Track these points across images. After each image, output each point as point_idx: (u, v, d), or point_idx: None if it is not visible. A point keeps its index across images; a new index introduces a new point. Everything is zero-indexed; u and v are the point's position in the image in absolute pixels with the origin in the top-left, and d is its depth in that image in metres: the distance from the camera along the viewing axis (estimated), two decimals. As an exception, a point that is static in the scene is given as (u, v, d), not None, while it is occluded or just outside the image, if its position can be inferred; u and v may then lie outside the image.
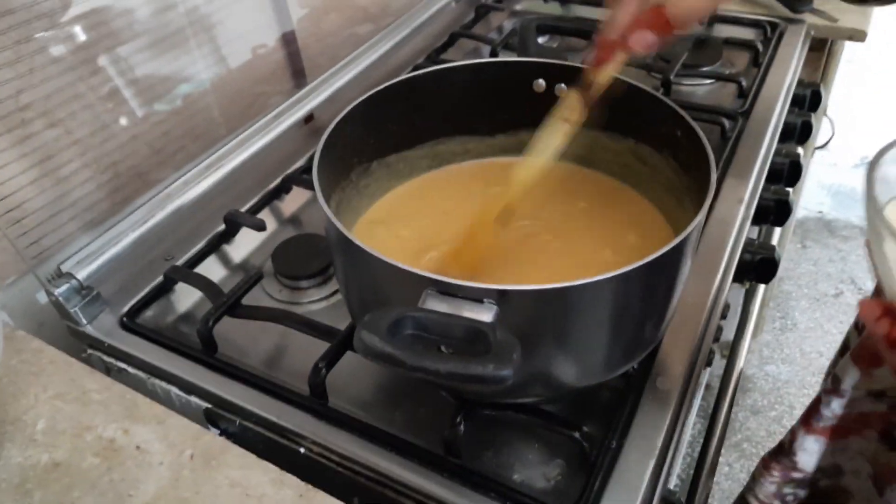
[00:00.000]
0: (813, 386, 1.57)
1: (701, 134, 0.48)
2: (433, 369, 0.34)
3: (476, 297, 0.38)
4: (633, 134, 0.56)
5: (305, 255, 0.64)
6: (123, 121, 0.70)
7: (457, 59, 0.96)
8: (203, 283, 0.60)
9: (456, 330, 0.36)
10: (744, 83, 0.83)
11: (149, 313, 0.61)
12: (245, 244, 0.68)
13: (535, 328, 0.40)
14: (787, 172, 0.81)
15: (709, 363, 0.59)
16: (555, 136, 0.50)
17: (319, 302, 0.62)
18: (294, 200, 0.74)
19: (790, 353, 1.67)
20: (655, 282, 0.42)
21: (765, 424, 1.53)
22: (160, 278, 0.63)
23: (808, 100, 0.92)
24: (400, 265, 0.38)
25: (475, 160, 0.63)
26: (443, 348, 0.37)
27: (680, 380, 0.52)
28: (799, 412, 0.65)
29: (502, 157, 0.63)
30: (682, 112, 0.50)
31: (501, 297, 0.37)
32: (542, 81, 0.58)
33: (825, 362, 1.55)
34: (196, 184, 0.69)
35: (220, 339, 0.57)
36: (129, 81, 0.70)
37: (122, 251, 0.62)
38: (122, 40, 0.68)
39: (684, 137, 0.50)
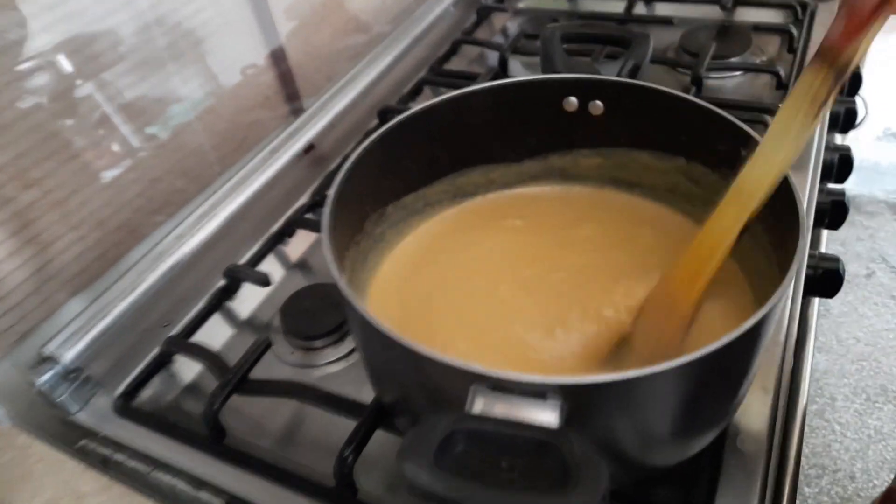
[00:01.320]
0: (853, 374, 1.50)
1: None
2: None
3: (536, 392, 0.31)
4: (684, 151, 0.49)
5: (317, 310, 0.57)
6: (107, 172, 0.63)
7: (461, 68, 0.89)
8: (205, 356, 0.53)
9: (519, 443, 0.29)
10: (782, 73, 0.76)
11: (147, 393, 0.54)
12: (250, 299, 0.61)
13: (607, 421, 0.33)
14: (836, 168, 0.74)
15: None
16: (796, 129, 0.37)
17: (337, 363, 0.55)
18: (299, 244, 0.67)
19: (826, 341, 1.60)
20: (746, 348, 0.35)
21: (806, 419, 1.47)
22: (157, 350, 0.56)
23: (848, 83, 0.84)
24: (443, 359, 0.31)
25: (501, 191, 0.55)
26: (504, 463, 0.30)
27: (764, 439, 0.45)
28: (841, 404, 0.58)
29: (532, 185, 0.55)
30: (749, 130, 0.43)
31: (568, 392, 0.30)
32: (573, 99, 0.50)
33: (863, 348, 1.48)
34: (190, 236, 0.62)
35: (229, 418, 0.50)
36: (110, 125, 0.63)
37: (113, 322, 0.56)
38: (99, 75, 0.61)
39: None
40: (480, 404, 0.31)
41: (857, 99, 0.84)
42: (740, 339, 0.31)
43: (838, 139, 0.81)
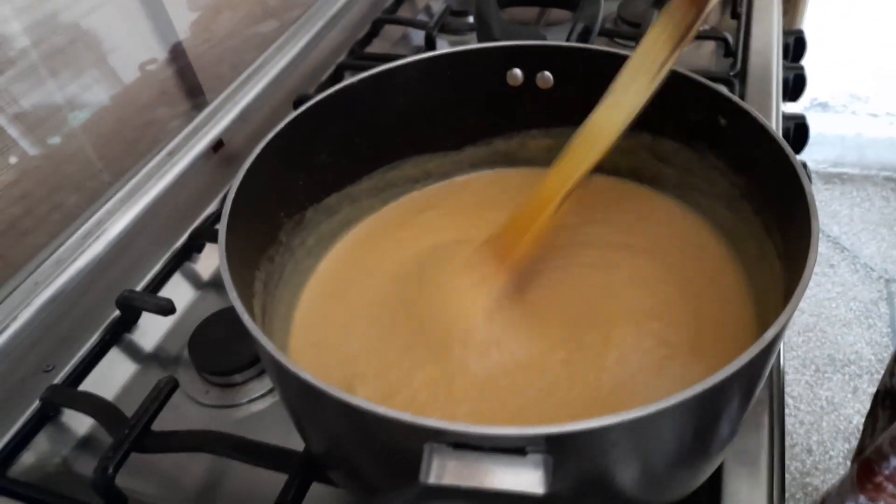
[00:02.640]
0: (800, 346, 1.49)
1: (764, 122, 0.34)
2: None
3: (513, 447, 0.23)
4: (649, 126, 0.42)
5: (233, 338, 0.48)
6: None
7: (384, 50, 0.80)
8: (96, 407, 0.44)
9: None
10: (730, 39, 0.70)
11: (28, 458, 0.44)
12: (152, 331, 0.52)
13: (604, 470, 0.26)
14: (792, 138, 0.69)
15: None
16: (641, 81, 0.35)
17: (263, 399, 0.47)
18: (210, 260, 0.57)
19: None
20: (753, 372, 0.28)
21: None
22: (36, 404, 0.46)
23: (793, 49, 0.80)
24: (386, 414, 0.23)
25: (441, 182, 0.48)
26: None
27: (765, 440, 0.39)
28: (791, 377, 0.54)
29: (475, 172, 0.48)
30: (728, 93, 0.36)
31: (556, 443, 0.23)
32: (518, 71, 0.43)
33: (808, 319, 1.47)
34: (72, 261, 0.52)
35: (130, 480, 0.41)
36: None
37: (-22, 373, 0.45)
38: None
39: (733, 127, 0.36)
40: (439, 470, 0.23)
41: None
42: (751, 362, 0.25)
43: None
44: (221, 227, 0.31)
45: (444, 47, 0.78)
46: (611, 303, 0.38)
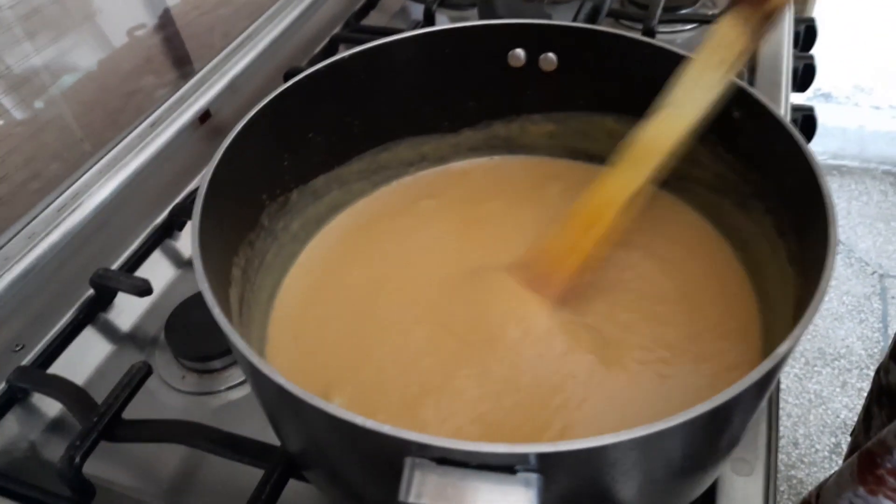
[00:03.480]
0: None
1: (782, 118, 0.32)
2: None
3: (501, 465, 0.21)
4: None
5: (212, 322, 0.46)
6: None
7: (381, 23, 0.77)
8: (65, 391, 0.42)
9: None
10: (740, 25, 0.68)
11: (-8, 442, 0.42)
12: (128, 310, 0.50)
13: (598, 489, 0.24)
14: (800, 130, 0.67)
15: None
16: (706, 82, 0.33)
17: (240, 387, 0.45)
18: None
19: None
20: (762, 386, 0.27)
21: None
22: (3, 385, 0.44)
23: (803, 37, 0.78)
24: (364, 424, 0.22)
25: (436, 167, 0.45)
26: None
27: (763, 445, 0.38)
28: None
29: (472, 158, 0.46)
30: (744, 84, 0.34)
31: (548, 462, 0.21)
32: (520, 52, 0.41)
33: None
34: (46, 235, 0.49)
35: (100, 469, 0.39)
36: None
37: (-57, 351, 0.43)
38: None
39: (746, 120, 0.34)
40: (419, 487, 0.21)
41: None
42: (758, 381, 0.23)
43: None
44: (196, 208, 0.29)
45: (443, 23, 0.75)
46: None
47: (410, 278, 0.39)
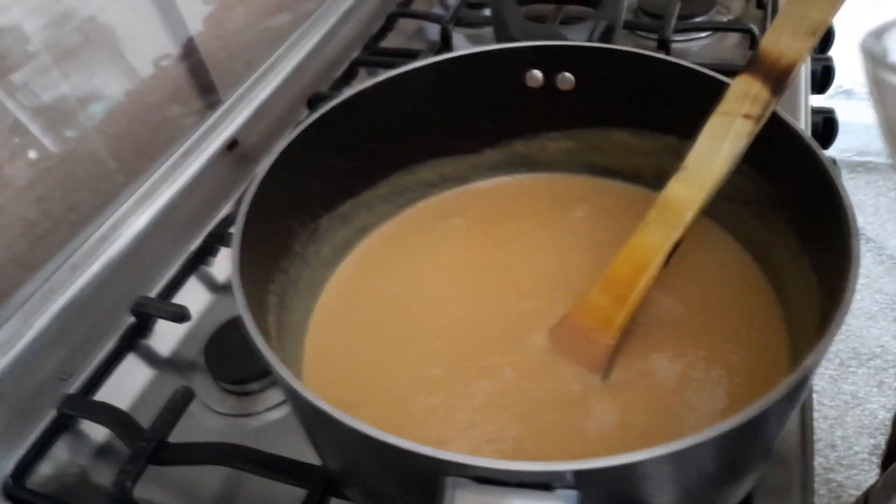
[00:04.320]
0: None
1: (793, 124, 0.33)
2: None
3: (539, 482, 0.22)
4: (674, 128, 0.41)
5: (249, 345, 0.47)
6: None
7: (399, 45, 0.79)
8: (111, 418, 0.43)
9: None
10: (755, 31, 0.68)
11: (44, 468, 0.44)
12: (167, 337, 0.51)
13: (627, 501, 0.25)
14: (821, 132, 0.67)
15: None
16: (730, 139, 0.33)
17: (279, 408, 0.46)
18: (225, 263, 0.57)
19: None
20: (785, 406, 0.27)
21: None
22: (53, 413, 0.46)
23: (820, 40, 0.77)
24: (402, 445, 0.23)
25: (459, 187, 0.47)
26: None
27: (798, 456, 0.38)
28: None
29: (493, 177, 0.47)
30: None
31: (586, 479, 0.22)
32: (537, 73, 0.42)
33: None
34: (88, 266, 0.51)
35: (148, 491, 0.41)
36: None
37: (-5, 382, 0.45)
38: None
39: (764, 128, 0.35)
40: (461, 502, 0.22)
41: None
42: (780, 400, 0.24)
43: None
44: (234, 242, 0.31)
45: (460, 41, 0.77)
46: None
47: (436, 298, 0.40)
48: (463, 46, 0.76)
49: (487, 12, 0.77)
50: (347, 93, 0.39)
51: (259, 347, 0.26)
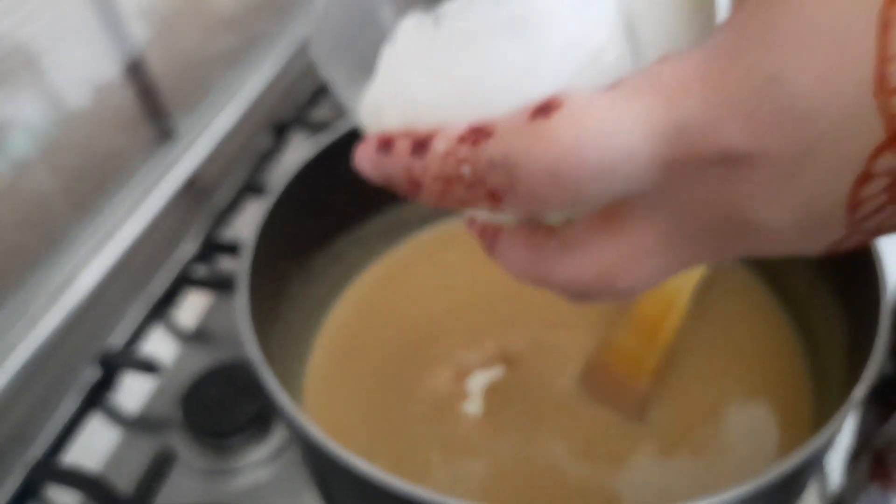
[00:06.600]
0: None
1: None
2: None
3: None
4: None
5: (229, 397, 0.44)
6: None
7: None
8: (83, 484, 0.39)
9: None
10: None
11: (8, 545, 0.40)
12: (136, 389, 0.47)
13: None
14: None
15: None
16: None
17: (264, 466, 0.43)
18: (192, 308, 0.53)
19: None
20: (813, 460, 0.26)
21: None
22: (18, 483, 0.41)
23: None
24: (433, 499, 0.21)
25: (454, 218, 0.45)
26: None
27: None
28: None
29: (486, 207, 0.45)
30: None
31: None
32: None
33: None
34: (42, 317, 0.47)
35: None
36: None
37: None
38: None
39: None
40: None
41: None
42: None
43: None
44: (242, 307, 0.28)
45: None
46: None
47: (433, 335, 0.39)
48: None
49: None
50: (343, 131, 0.36)
51: (283, 408, 0.24)
